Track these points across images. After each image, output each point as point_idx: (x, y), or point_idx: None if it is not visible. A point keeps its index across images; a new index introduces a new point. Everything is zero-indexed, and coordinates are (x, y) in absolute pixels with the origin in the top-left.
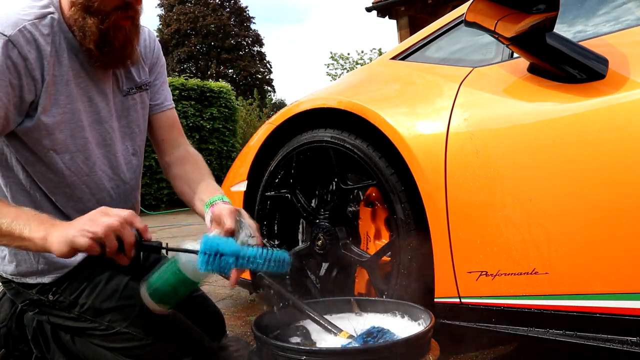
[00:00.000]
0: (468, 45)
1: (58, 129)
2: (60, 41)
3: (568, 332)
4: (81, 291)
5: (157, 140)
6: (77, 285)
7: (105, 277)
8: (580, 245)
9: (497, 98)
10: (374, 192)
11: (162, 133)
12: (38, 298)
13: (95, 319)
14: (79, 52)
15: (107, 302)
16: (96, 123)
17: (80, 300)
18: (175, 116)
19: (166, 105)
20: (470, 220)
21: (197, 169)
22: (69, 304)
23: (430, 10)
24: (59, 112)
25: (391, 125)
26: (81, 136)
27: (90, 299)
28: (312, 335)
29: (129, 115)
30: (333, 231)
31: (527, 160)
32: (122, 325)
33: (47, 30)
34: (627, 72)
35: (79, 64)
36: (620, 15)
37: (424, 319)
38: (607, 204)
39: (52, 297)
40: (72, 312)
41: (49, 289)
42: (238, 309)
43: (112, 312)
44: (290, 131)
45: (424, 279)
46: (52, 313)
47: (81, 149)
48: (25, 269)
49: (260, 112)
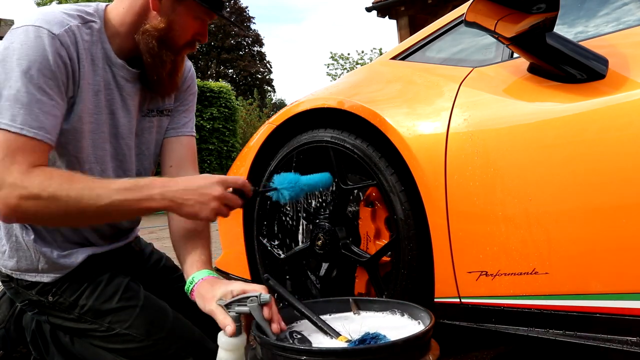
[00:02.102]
0: (468, 45)
1: (84, 137)
2: (97, 50)
3: (568, 332)
4: (81, 292)
5: (165, 165)
6: (77, 287)
7: (106, 278)
8: (580, 245)
9: (497, 98)
10: (374, 192)
11: (172, 158)
12: (37, 299)
13: (96, 320)
14: (113, 64)
15: (107, 304)
16: (114, 137)
17: (81, 301)
18: (193, 147)
19: (184, 131)
20: (470, 220)
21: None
22: (69, 305)
23: (430, 10)
24: (87, 120)
25: (391, 125)
26: (102, 147)
27: (90, 300)
28: (308, 339)
29: (141, 136)
30: (333, 231)
31: (527, 160)
32: (122, 326)
33: (88, 37)
34: (627, 72)
35: (111, 76)
36: (620, 16)
37: (423, 319)
38: (607, 204)
39: (51, 298)
40: (72, 313)
41: (48, 290)
42: None
43: (112, 313)
44: (290, 131)
45: (424, 279)
46: (51, 314)
47: (99, 160)
48: (25, 265)
49: (260, 112)
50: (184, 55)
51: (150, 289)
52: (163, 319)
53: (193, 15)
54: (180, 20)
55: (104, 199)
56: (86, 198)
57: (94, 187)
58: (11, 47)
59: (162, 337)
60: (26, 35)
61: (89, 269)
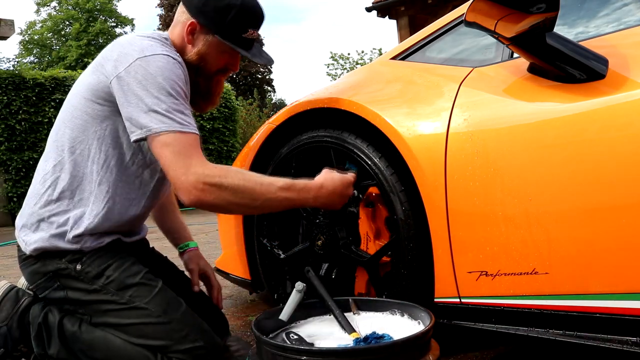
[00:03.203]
0: (468, 45)
1: None
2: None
3: (568, 332)
4: (109, 265)
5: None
6: (106, 259)
7: (131, 259)
8: (580, 245)
9: (497, 98)
10: (374, 192)
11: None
12: (66, 266)
13: (118, 292)
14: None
15: (131, 279)
16: None
17: (107, 272)
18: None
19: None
20: (470, 220)
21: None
22: (95, 275)
23: (430, 10)
24: None
25: (391, 125)
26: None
27: (117, 272)
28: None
29: None
30: (333, 231)
31: (527, 160)
32: (142, 300)
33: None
34: (627, 72)
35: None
36: (620, 17)
37: (423, 319)
38: (607, 204)
39: (79, 267)
40: (96, 283)
41: (78, 258)
42: (238, 309)
43: (134, 287)
44: (290, 131)
45: (424, 279)
46: (72, 286)
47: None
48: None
49: (260, 112)
50: (220, 79)
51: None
52: (178, 303)
53: (222, 50)
54: (212, 54)
55: (271, 193)
56: (257, 191)
57: (262, 182)
58: (151, 71)
59: (176, 318)
60: (161, 60)
61: (118, 249)
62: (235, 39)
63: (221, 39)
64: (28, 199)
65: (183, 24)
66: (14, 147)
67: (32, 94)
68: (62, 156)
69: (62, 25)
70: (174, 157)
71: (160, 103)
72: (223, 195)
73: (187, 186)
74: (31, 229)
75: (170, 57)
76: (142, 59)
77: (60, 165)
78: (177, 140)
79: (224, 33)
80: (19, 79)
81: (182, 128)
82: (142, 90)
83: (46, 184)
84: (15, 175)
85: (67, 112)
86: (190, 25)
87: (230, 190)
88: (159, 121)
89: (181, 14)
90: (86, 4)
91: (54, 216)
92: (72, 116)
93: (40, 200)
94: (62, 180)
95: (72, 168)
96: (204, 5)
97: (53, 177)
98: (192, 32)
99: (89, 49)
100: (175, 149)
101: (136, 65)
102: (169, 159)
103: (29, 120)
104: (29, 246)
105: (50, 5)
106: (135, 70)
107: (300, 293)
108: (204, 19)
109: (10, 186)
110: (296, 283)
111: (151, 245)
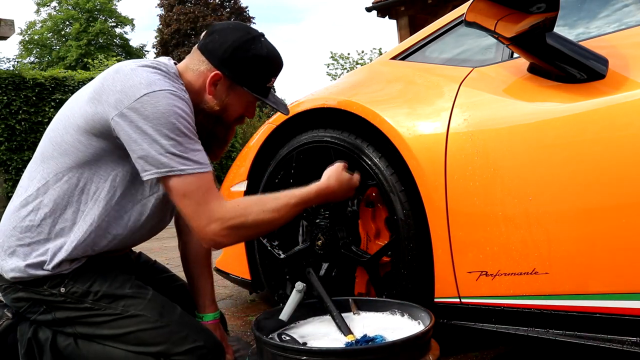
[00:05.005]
0: (468, 45)
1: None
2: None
3: (568, 332)
4: (94, 280)
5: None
6: (89, 276)
7: (115, 271)
8: (580, 245)
9: (497, 98)
10: (374, 192)
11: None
12: (49, 292)
13: (110, 304)
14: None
15: (120, 289)
16: None
17: (94, 287)
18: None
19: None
20: (470, 220)
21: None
22: (82, 294)
23: (430, 10)
24: None
25: (391, 125)
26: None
27: (104, 286)
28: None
29: None
30: (333, 231)
31: (527, 160)
32: (137, 308)
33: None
34: (627, 72)
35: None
36: (620, 17)
37: (423, 319)
38: (607, 204)
39: (63, 290)
40: (84, 301)
41: (60, 282)
42: (238, 309)
43: (126, 298)
44: (290, 131)
45: (424, 279)
46: (60, 307)
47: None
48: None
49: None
50: (234, 127)
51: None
52: (172, 307)
53: (246, 100)
54: (233, 103)
55: (287, 214)
56: (276, 218)
57: (279, 207)
58: (162, 109)
59: (174, 320)
60: (170, 98)
61: (97, 264)
62: (259, 89)
63: (247, 90)
64: (8, 217)
65: (204, 74)
66: (14, 147)
67: (32, 94)
68: (47, 179)
69: (62, 25)
70: (195, 208)
71: (177, 145)
72: (244, 233)
73: (211, 236)
74: (7, 252)
75: (178, 94)
76: (151, 94)
77: (45, 188)
78: (195, 185)
79: (250, 84)
80: (19, 79)
81: (201, 169)
82: (154, 131)
83: (28, 207)
84: (15, 175)
85: (57, 133)
86: (214, 77)
87: (252, 228)
88: (179, 162)
89: (200, 62)
90: (86, 4)
91: (34, 244)
92: (62, 140)
93: (20, 223)
94: (45, 206)
95: (56, 195)
96: (231, 57)
97: (36, 201)
98: (216, 83)
99: (89, 49)
100: (195, 199)
101: (144, 101)
102: (190, 211)
103: (29, 120)
104: (6, 273)
105: (50, 5)
106: (144, 107)
107: (300, 293)
108: (230, 71)
109: (10, 186)
110: (296, 283)
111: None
